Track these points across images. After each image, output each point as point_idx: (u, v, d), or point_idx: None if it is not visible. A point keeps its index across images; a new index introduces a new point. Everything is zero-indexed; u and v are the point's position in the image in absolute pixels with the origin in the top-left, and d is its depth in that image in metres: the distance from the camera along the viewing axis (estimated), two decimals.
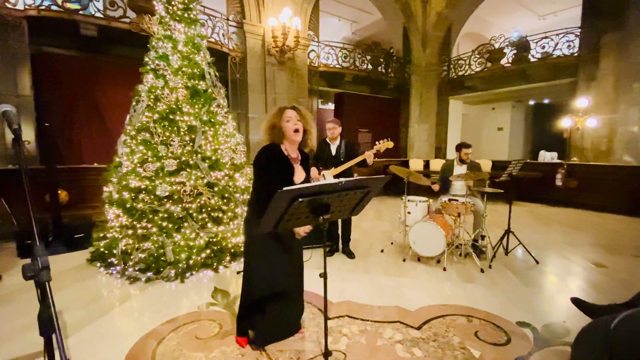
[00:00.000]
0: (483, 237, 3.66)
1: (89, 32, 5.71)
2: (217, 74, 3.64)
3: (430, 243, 3.36)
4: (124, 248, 3.11)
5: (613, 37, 7.17)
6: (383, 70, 10.19)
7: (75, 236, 3.84)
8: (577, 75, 7.97)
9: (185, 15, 3.41)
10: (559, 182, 6.63)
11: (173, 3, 3.33)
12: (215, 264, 3.23)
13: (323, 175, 3.53)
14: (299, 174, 1.99)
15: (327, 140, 3.62)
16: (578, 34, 7.86)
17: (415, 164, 9.28)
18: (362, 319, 2.37)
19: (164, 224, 3.07)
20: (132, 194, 3.10)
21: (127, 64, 6.23)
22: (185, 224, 3.14)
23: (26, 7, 5.20)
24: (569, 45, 7.99)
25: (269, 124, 2.00)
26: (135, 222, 3.09)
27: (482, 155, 11.34)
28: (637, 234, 4.90)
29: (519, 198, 7.45)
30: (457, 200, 3.59)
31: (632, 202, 5.97)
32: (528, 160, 9.31)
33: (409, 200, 3.80)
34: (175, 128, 3.20)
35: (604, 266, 3.46)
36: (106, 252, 3.20)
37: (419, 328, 2.26)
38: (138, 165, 3.17)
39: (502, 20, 12.49)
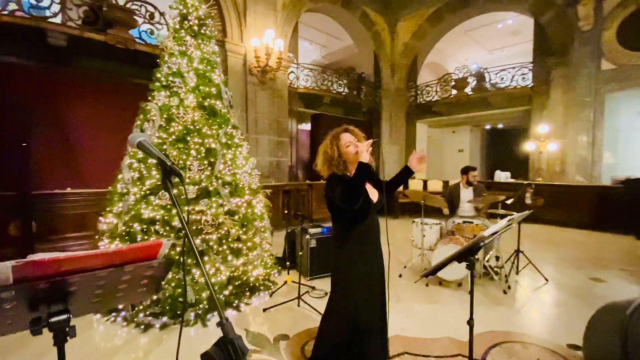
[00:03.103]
0: (497, 258, 3.78)
1: (58, 42, 5.11)
2: (232, 93, 3.42)
3: (454, 266, 3.36)
4: None
5: (560, 72, 8.18)
6: (356, 94, 10.51)
7: None
8: (531, 104, 8.92)
9: (202, 31, 3.19)
10: (528, 201, 7.21)
11: (189, 18, 3.10)
12: (236, 301, 2.91)
13: None
14: (372, 192, 1.84)
15: None
16: (531, 68, 8.86)
17: None
18: (423, 355, 2.25)
19: (182, 259, 2.70)
20: (143, 226, 2.70)
21: (99, 78, 5.68)
22: (205, 258, 2.80)
23: None
24: (524, 78, 8.96)
25: (326, 156, 1.84)
26: None
27: (445, 175, 12.06)
28: (609, 247, 5.45)
29: (493, 216, 7.96)
30: (471, 222, 3.69)
31: (593, 217, 6.69)
32: (492, 181, 10.03)
33: (424, 224, 3.83)
34: (191, 151, 2.90)
35: (602, 281, 3.75)
36: None
37: None
38: (148, 191, 2.80)
39: (457, 52, 13.75)
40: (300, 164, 10.91)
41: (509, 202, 3.78)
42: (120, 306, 2.66)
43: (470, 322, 1.29)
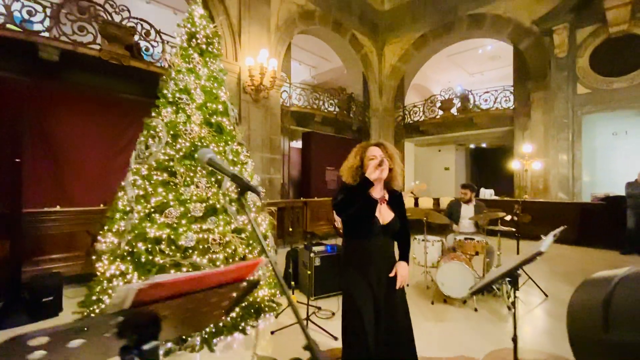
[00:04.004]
0: None
1: (50, 56, 5.00)
2: (236, 111, 3.42)
3: (459, 284, 3.39)
4: None
5: (540, 95, 8.64)
6: (346, 113, 10.72)
7: (43, 300, 3.02)
8: (513, 124, 9.34)
9: (209, 49, 3.21)
10: (516, 217, 7.41)
11: (197, 36, 3.12)
12: (242, 324, 2.80)
13: None
14: (385, 214, 1.83)
15: None
16: (512, 91, 9.33)
17: None
18: None
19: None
20: (148, 245, 2.59)
21: (90, 93, 5.54)
22: None
23: None
24: (506, 100, 9.41)
25: (348, 164, 1.89)
26: None
27: (432, 192, 12.29)
28: (596, 262, 5.64)
29: (492, 233, 8.13)
30: (472, 239, 3.74)
31: (578, 233, 6.94)
32: (478, 198, 10.29)
33: (426, 240, 3.85)
34: (199, 168, 2.85)
35: None
36: None
37: None
38: (152, 209, 2.71)
39: (440, 75, 14.36)
40: (292, 181, 10.88)
41: (507, 218, 3.87)
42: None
43: (515, 339, 1.29)
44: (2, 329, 2.77)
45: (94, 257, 2.88)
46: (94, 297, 2.73)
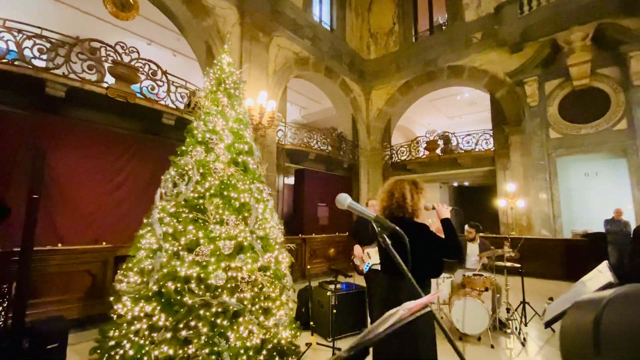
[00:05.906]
0: (508, 310, 3.93)
1: (56, 93, 5.02)
2: (260, 152, 3.54)
3: (474, 320, 3.46)
4: (155, 357, 2.41)
5: (517, 138, 9.37)
6: (338, 151, 11.09)
7: (48, 347, 2.80)
8: (495, 165, 9.96)
9: (236, 93, 3.39)
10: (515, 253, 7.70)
11: (226, 82, 3.31)
12: None
13: (368, 253, 3.49)
14: None
15: None
16: (492, 134, 10.07)
17: None
18: None
19: (218, 320, 2.53)
20: (177, 285, 2.54)
21: (91, 128, 5.51)
22: (240, 319, 2.64)
23: None
24: (486, 142, 10.10)
25: (404, 197, 2.03)
26: (176, 322, 2.48)
27: None
28: None
29: (499, 270, 8.33)
30: (481, 275, 3.88)
31: (566, 269, 7.25)
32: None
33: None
34: (228, 205, 2.89)
35: None
36: None
37: None
38: (181, 248, 2.69)
39: (422, 118, 15.31)
40: (284, 217, 10.83)
41: (512, 254, 4.07)
42: None
43: None
44: None
45: (111, 298, 2.76)
46: (111, 343, 2.58)
